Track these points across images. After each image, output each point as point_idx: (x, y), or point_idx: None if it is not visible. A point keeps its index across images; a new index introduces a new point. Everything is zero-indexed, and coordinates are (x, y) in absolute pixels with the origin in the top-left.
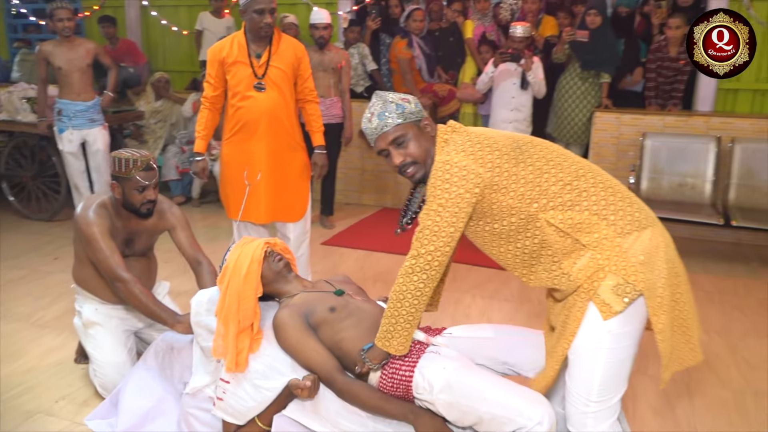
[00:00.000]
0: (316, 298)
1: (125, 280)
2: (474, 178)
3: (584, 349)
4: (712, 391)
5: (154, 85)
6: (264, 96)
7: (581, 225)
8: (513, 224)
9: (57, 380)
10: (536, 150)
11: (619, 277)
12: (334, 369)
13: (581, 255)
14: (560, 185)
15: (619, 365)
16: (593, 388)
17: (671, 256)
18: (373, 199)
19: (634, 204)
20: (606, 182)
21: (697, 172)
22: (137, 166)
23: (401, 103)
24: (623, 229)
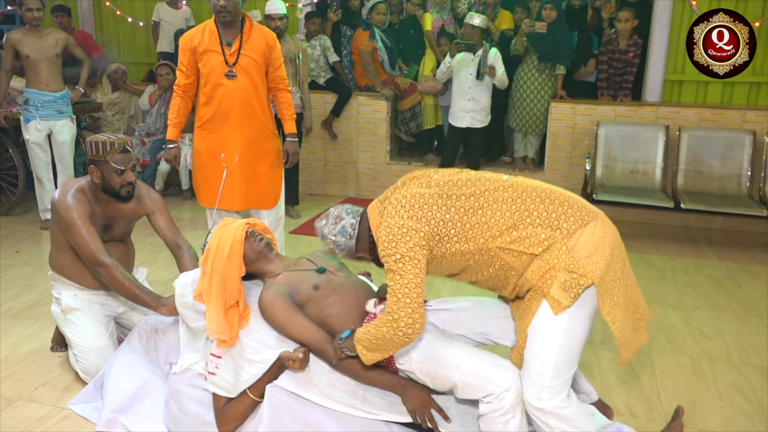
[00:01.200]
0: (300, 276)
1: (107, 264)
2: (415, 233)
3: (541, 328)
4: (672, 358)
5: (110, 76)
6: (235, 84)
7: (529, 239)
8: (471, 263)
9: (35, 368)
10: (463, 191)
11: (568, 274)
12: (324, 341)
13: (540, 264)
14: (497, 213)
15: (573, 345)
16: (549, 365)
17: (615, 243)
18: (336, 189)
19: (573, 205)
20: (541, 193)
21: (647, 159)
22: (114, 149)
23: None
24: (568, 231)
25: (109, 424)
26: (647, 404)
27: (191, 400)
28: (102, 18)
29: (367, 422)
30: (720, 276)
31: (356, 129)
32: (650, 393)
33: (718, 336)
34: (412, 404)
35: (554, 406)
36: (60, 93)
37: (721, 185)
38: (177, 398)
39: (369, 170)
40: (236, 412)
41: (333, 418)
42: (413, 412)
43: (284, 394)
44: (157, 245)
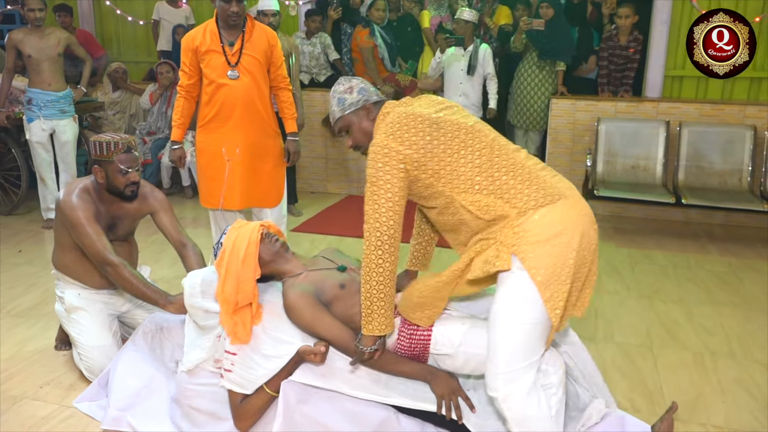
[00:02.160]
0: (323, 276)
1: (114, 263)
2: (395, 155)
3: (496, 315)
4: (674, 353)
5: (110, 75)
6: (238, 83)
7: (487, 207)
8: (438, 203)
9: (39, 366)
10: (452, 128)
11: (496, 251)
12: (351, 338)
13: (483, 232)
14: (470, 167)
15: (528, 330)
16: (505, 351)
17: (570, 230)
18: (338, 187)
19: (534, 185)
20: (512, 164)
21: (648, 155)
22: (118, 149)
23: (342, 96)
24: (521, 209)
25: (115, 423)
26: (649, 399)
27: (203, 396)
28: (102, 17)
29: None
30: (722, 271)
31: None
32: (652, 388)
33: (720, 331)
34: (441, 390)
35: (506, 394)
36: (62, 92)
37: (722, 180)
38: (188, 395)
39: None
40: (253, 408)
41: (343, 416)
42: (441, 397)
43: (296, 390)
44: (159, 244)
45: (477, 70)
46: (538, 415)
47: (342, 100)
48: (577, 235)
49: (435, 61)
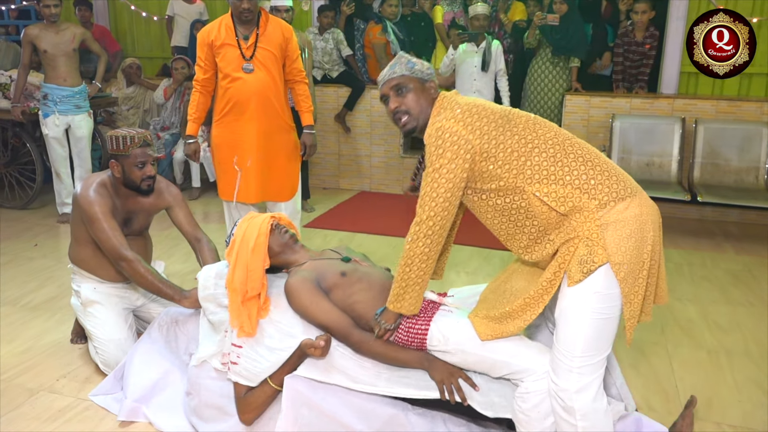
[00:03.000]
0: (326, 264)
1: (130, 259)
2: (465, 144)
3: (569, 309)
4: (689, 352)
5: (125, 71)
6: (253, 77)
7: (564, 199)
8: (501, 196)
9: (55, 359)
10: (522, 120)
11: (587, 248)
12: (349, 325)
13: (563, 226)
14: (544, 157)
15: (602, 325)
16: (578, 346)
17: (648, 223)
18: (350, 183)
19: (613, 176)
20: (586, 155)
21: (663, 152)
22: (135, 143)
23: (413, 61)
24: (601, 201)
25: (131, 414)
26: (665, 397)
27: (212, 391)
28: (117, 12)
29: (386, 414)
30: (737, 270)
31: (369, 122)
32: (667, 386)
33: (735, 330)
34: (440, 375)
35: (580, 387)
36: (78, 88)
37: (738, 178)
38: (197, 390)
39: (382, 164)
40: (257, 401)
41: (351, 409)
42: (441, 383)
43: (302, 384)
44: (173, 239)
45: (490, 67)
46: (605, 409)
47: (412, 64)
48: (651, 232)
49: (447, 57)
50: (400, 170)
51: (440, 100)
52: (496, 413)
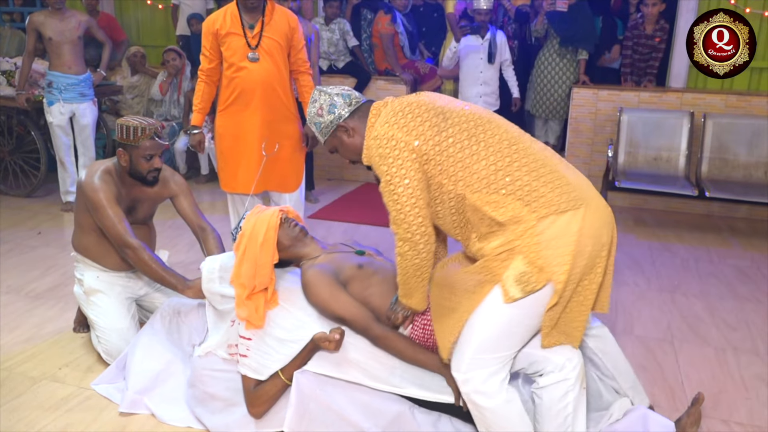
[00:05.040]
0: (341, 257)
1: (134, 246)
2: (404, 146)
3: (485, 307)
4: (695, 349)
5: (129, 59)
6: (258, 66)
7: (504, 210)
8: (443, 202)
9: (58, 348)
10: (461, 120)
11: (526, 264)
12: (369, 318)
13: (499, 236)
14: (483, 164)
15: (510, 331)
16: (474, 341)
17: (591, 240)
18: (354, 174)
19: (557, 188)
20: (532, 163)
21: (671, 146)
22: (145, 134)
23: (317, 121)
24: (541, 214)
25: (133, 405)
26: (670, 394)
27: (217, 382)
28: (122, 0)
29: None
30: (744, 266)
31: None
32: (673, 383)
33: (743, 326)
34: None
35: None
36: (83, 76)
37: (747, 173)
38: (203, 380)
39: None
40: (267, 395)
41: (358, 406)
42: (458, 390)
43: (311, 380)
44: (177, 228)
45: (496, 58)
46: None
47: (318, 124)
48: (590, 247)
49: (450, 50)
50: None
51: (372, 114)
52: None
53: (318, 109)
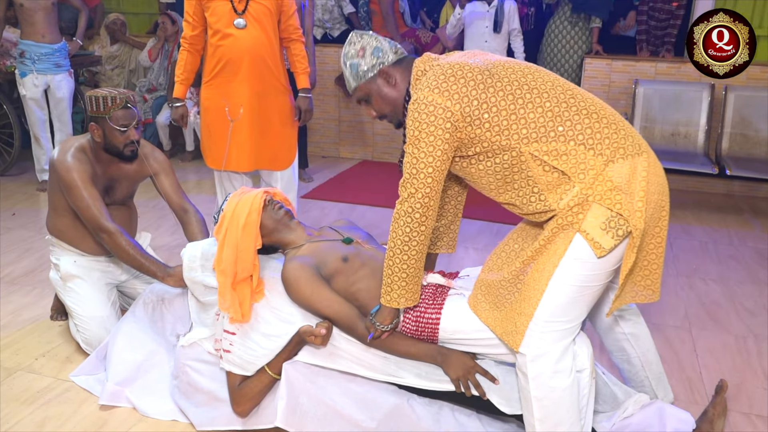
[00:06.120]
0: (326, 247)
1: (110, 230)
2: (442, 112)
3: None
4: (714, 336)
5: (108, 27)
6: (245, 33)
7: (567, 158)
8: (491, 157)
9: (35, 337)
10: (508, 72)
11: (607, 210)
12: (355, 316)
13: (567, 189)
14: (539, 112)
15: (580, 293)
16: (547, 309)
17: (657, 188)
18: (351, 151)
19: (621, 130)
20: (590, 107)
21: (690, 121)
22: (116, 104)
23: (355, 62)
24: (608, 157)
25: (113, 398)
26: (688, 385)
27: (202, 374)
28: None
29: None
30: (766, 248)
31: None
32: (691, 373)
33: (763, 312)
34: (456, 372)
35: (539, 353)
36: (57, 45)
37: None
38: (186, 372)
39: (386, 131)
40: (253, 391)
41: (352, 398)
42: (457, 380)
43: (301, 371)
44: (161, 209)
45: (503, 27)
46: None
47: (355, 65)
48: (656, 194)
49: (454, 17)
50: None
51: (415, 71)
52: (513, 410)
53: (359, 49)
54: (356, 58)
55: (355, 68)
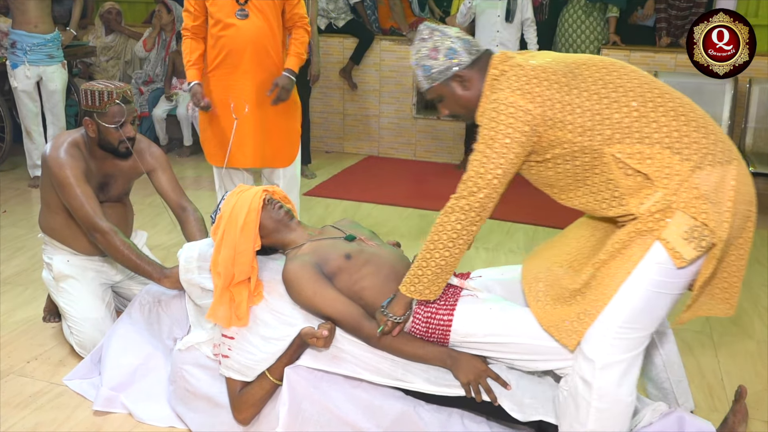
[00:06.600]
0: (327, 245)
1: (104, 230)
2: (523, 115)
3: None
4: (737, 342)
5: (103, 17)
6: (247, 24)
7: (651, 161)
8: (570, 160)
9: (27, 339)
10: (592, 71)
11: (691, 219)
12: (360, 316)
13: (648, 194)
14: (624, 112)
15: (656, 299)
16: (621, 314)
17: (745, 198)
18: (356, 146)
19: (711, 134)
20: (678, 108)
21: (712, 115)
22: (112, 99)
23: (427, 64)
24: (697, 164)
25: (107, 403)
26: (709, 392)
27: (201, 379)
28: None
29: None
30: None
31: (379, 78)
32: (712, 380)
33: None
34: (467, 376)
35: (608, 362)
36: (50, 35)
37: None
38: (184, 377)
39: (393, 125)
40: (254, 398)
41: (356, 404)
42: (467, 384)
43: (304, 376)
44: (157, 207)
45: (516, 16)
46: (627, 402)
47: (428, 68)
48: (743, 205)
49: (465, 6)
50: (412, 132)
51: (492, 70)
52: (525, 416)
53: (431, 49)
54: (429, 60)
55: (428, 70)
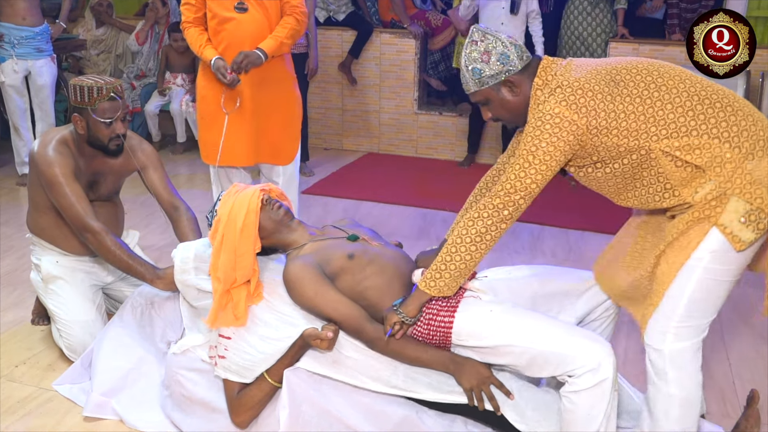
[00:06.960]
0: (329, 245)
1: (95, 230)
2: (568, 125)
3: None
4: (748, 343)
5: (94, 9)
6: (246, 18)
7: (701, 152)
8: (626, 163)
9: (14, 343)
10: (633, 74)
11: (747, 203)
12: (362, 318)
13: (702, 183)
14: (669, 108)
15: (714, 287)
16: (681, 305)
17: None
18: (355, 143)
19: (758, 122)
20: (724, 99)
21: None
22: (102, 95)
23: (478, 67)
24: (749, 151)
25: (98, 409)
26: (720, 396)
27: (197, 384)
28: None
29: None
30: None
31: (379, 73)
32: (723, 384)
33: None
34: (470, 382)
35: (675, 349)
36: (39, 28)
37: None
38: (179, 381)
39: (393, 121)
40: (253, 400)
41: (358, 409)
42: (470, 390)
43: (304, 379)
44: (149, 206)
45: (521, 8)
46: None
47: (478, 71)
48: None
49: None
50: (413, 128)
51: (542, 80)
52: (529, 428)
53: (483, 52)
54: (479, 62)
55: (478, 73)
